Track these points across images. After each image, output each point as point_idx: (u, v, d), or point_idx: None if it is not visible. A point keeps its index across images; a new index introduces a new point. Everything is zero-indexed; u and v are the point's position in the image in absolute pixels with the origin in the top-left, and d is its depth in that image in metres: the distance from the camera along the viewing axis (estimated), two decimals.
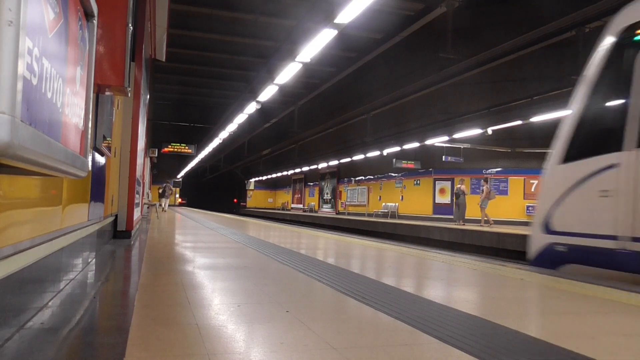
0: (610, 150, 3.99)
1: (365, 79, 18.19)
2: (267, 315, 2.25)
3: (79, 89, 1.85)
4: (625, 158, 3.83)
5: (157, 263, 4.10)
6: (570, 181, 4.35)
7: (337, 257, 4.92)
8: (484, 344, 1.84)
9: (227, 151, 35.70)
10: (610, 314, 2.50)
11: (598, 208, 4.06)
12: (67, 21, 1.54)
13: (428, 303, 2.61)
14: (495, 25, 12.50)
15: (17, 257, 1.77)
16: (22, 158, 1.07)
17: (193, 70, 20.08)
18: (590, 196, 4.13)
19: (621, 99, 4.04)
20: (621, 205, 3.82)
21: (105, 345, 1.76)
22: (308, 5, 12.34)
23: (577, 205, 4.30)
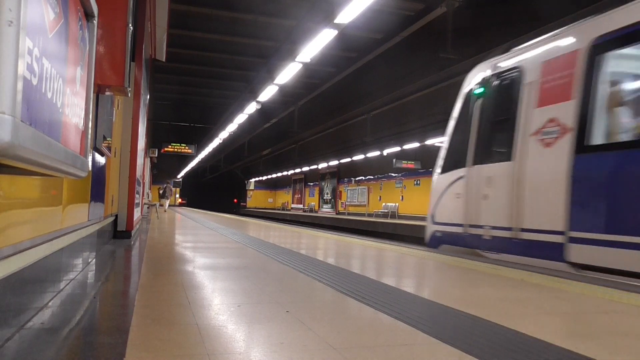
0: (460, 166, 5.82)
1: (365, 79, 18.19)
2: (267, 316, 2.25)
3: (79, 89, 1.85)
4: (467, 172, 5.70)
5: (157, 263, 4.10)
6: (442, 187, 6.23)
7: (337, 257, 4.92)
8: (485, 344, 1.84)
9: (227, 151, 35.71)
10: (610, 314, 2.50)
11: (455, 205, 5.87)
12: (67, 21, 1.54)
13: (428, 303, 2.61)
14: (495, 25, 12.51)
15: (17, 257, 1.77)
16: (22, 158, 1.07)
17: (193, 70, 20.07)
18: (451, 197, 5.98)
19: (467, 132, 5.81)
20: (465, 204, 5.65)
21: (105, 346, 1.76)
22: (308, 5, 12.33)
23: (445, 203, 6.17)
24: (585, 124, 4.34)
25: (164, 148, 28.56)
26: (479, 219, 5.42)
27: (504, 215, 5.07)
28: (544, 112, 4.80)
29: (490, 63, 5.83)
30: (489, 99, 5.65)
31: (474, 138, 5.69)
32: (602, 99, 4.32)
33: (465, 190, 5.71)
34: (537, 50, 5.13)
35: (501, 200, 5.14)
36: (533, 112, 4.92)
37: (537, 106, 4.90)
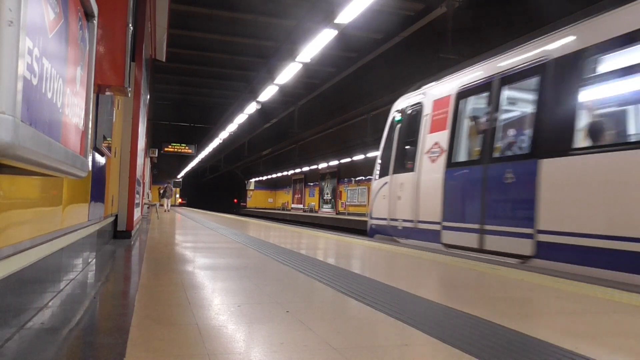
0: (386, 175, 7.68)
1: (366, 79, 18.19)
2: (268, 316, 2.25)
3: (79, 89, 1.85)
4: (390, 179, 7.52)
5: (157, 263, 4.10)
6: (376, 190, 8.06)
7: (337, 257, 4.92)
8: (485, 344, 1.84)
9: (227, 151, 35.70)
10: (610, 314, 2.50)
11: (382, 204, 7.68)
12: (67, 21, 1.54)
13: (428, 303, 2.61)
14: (496, 25, 12.51)
15: (17, 257, 1.77)
16: (22, 158, 1.07)
17: (193, 70, 20.07)
18: (380, 198, 7.79)
19: (390, 149, 7.67)
20: (388, 203, 7.47)
21: (106, 346, 1.76)
22: (308, 5, 12.33)
23: (377, 203, 7.95)
24: (452, 147, 6.14)
25: (164, 148, 28.59)
26: (395, 214, 7.32)
27: (409, 212, 6.87)
28: (432, 138, 6.57)
29: (407, 97, 7.63)
30: (404, 125, 7.51)
31: (394, 154, 7.57)
32: (460, 131, 6.15)
33: (388, 193, 7.58)
34: (431, 91, 6.91)
35: (408, 200, 6.92)
36: (426, 137, 6.70)
37: (429, 133, 6.68)
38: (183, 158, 38.44)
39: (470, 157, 6.00)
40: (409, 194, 6.87)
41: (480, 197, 5.50)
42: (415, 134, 6.98)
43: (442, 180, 6.16)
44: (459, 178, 6.01)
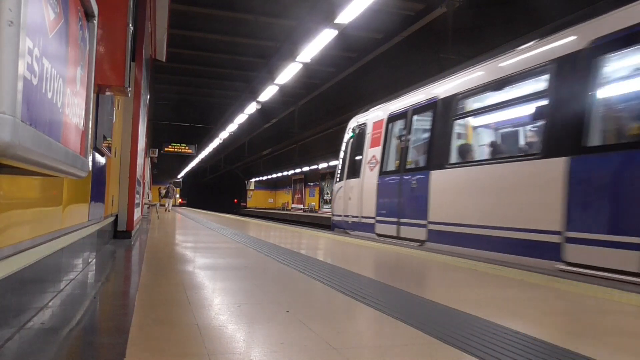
0: (342, 180, 9.43)
1: (366, 79, 18.19)
2: (268, 315, 2.25)
3: (80, 89, 1.85)
4: (344, 183, 9.25)
5: (157, 263, 4.10)
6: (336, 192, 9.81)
7: (337, 257, 4.92)
8: (486, 345, 1.84)
9: (227, 151, 35.71)
10: (610, 314, 2.50)
11: (340, 204, 9.38)
12: (67, 21, 1.54)
13: (428, 303, 2.61)
14: (496, 25, 12.50)
15: (17, 257, 1.77)
16: (22, 158, 1.07)
17: (193, 70, 20.05)
18: (338, 198, 9.49)
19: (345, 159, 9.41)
20: (343, 203, 9.09)
21: (106, 346, 1.76)
22: (308, 5, 12.32)
23: (337, 202, 9.62)
24: (383, 160, 7.96)
25: (164, 148, 28.63)
26: (347, 211, 9.05)
27: (356, 209, 8.65)
28: (371, 151, 8.34)
29: (357, 117, 9.47)
30: (354, 140, 9.28)
31: (347, 163, 9.37)
32: (389, 147, 7.95)
33: (343, 194, 9.34)
34: (373, 114, 8.76)
35: (355, 200, 8.71)
36: (368, 150, 8.47)
37: (369, 147, 8.43)
38: (183, 158, 38.42)
39: (394, 168, 7.76)
40: (356, 195, 8.71)
41: (397, 198, 7.42)
42: (361, 148, 8.80)
43: (376, 185, 8.02)
44: (386, 183, 7.79)
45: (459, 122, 6.45)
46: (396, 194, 7.44)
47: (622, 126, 4.32)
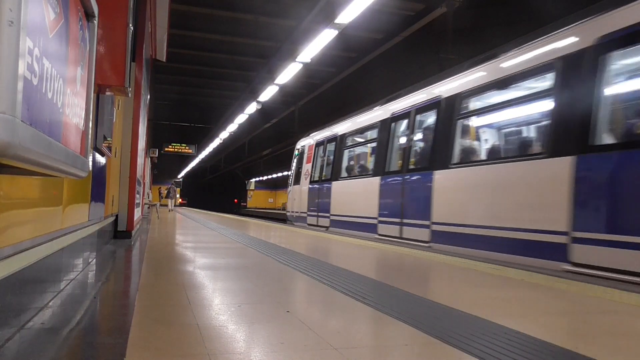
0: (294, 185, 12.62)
1: (366, 79, 18.18)
2: (268, 315, 2.25)
3: (80, 89, 1.85)
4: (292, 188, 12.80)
5: (157, 263, 4.10)
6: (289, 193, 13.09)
7: (337, 258, 4.92)
8: (486, 345, 1.84)
9: (227, 151, 35.70)
10: (610, 314, 2.50)
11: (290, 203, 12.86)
12: (67, 21, 1.54)
13: (429, 304, 2.61)
14: (496, 25, 12.50)
15: (17, 257, 1.77)
16: (22, 158, 1.07)
17: (193, 70, 20.05)
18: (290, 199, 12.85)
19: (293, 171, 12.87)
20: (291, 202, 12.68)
21: (106, 346, 1.76)
22: (308, 5, 12.32)
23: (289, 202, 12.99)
24: (312, 173, 11.23)
25: (164, 148, 28.72)
26: (294, 208, 12.41)
27: (298, 207, 11.98)
28: (306, 166, 11.77)
29: (300, 140, 12.88)
30: (298, 157, 12.62)
31: (294, 173, 12.80)
32: (315, 164, 11.13)
33: (291, 196, 12.90)
34: (308, 139, 12.17)
35: (297, 201, 12.08)
36: (305, 165, 11.87)
37: (306, 163, 11.81)
38: (183, 158, 38.41)
39: (317, 178, 11.12)
40: (298, 197, 12.14)
41: (317, 198, 10.85)
42: (301, 163, 12.31)
43: (307, 190, 11.52)
44: (313, 189, 11.25)
45: (348, 156, 10.14)
46: (316, 196, 10.99)
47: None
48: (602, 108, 4.34)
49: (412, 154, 7.37)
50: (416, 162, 7.26)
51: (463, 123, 6.39)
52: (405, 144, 7.55)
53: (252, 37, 15.02)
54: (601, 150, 4.26)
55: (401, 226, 7.25)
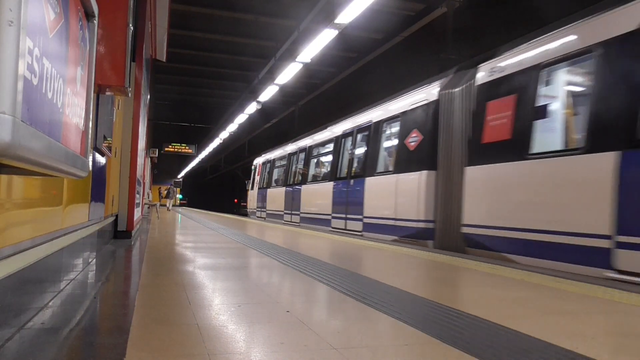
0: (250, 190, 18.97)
1: (366, 79, 18.18)
2: (268, 315, 2.25)
3: (80, 89, 1.85)
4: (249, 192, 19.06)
5: (157, 263, 4.10)
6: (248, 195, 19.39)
7: (337, 257, 4.92)
8: (486, 345, 1.84)
9: (227, 151, 35.67)
10: (610, 314, 2.50)
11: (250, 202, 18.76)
12: (67, 21, 1.54)
13: (429, 304, 2.61)
14: (496, 25, 12.50)
15: (17, 257, 1.77)
16: (22, 158, 1.07)
17: (193, 70, 20.04)
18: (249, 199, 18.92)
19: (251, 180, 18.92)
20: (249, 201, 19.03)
21: (106, 346, 1.76)
22: (308, 5, 12.32)
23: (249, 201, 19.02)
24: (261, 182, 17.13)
25: (164, 148, 28.87)
26: (249, 206, 18.73)
27: (254, 205, 17.60)
28: (257, 177, 17.68)
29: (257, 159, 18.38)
30: (254, 171, 18.40)
31: (251, 182, 18.50)
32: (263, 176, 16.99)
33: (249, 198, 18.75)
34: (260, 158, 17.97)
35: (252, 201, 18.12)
36: (256, 177, 17.80)
37: (257, 175, 17.80)
38: (183, 158, 38.40)
39: (263, 186, 16.38)
40: (252, 198, 17.92)
41: (264, 200, 15.86)
42: (255, 175, 17.95)
43: (257, 193, 17.05)
44: (260, 192, 16.65)
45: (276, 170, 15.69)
46: (264, 198, 16.05)
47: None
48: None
49: (310, 170, 12.18)
50: (317, 176, 11.70)
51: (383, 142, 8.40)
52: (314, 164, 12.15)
53: (252, 37, 15.01)
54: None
55: (292, 215, 12.87)
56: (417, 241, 6.88)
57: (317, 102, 21.15)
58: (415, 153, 7.12)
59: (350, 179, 9.23)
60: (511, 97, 5.33)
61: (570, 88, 5.00)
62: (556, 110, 5.01)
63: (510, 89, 5.37)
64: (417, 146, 7.08)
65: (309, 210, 11.49)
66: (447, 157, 6.52)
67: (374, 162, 8.45)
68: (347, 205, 9.24)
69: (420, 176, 6.86)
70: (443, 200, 6.51)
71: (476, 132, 5.77)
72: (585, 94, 4.58)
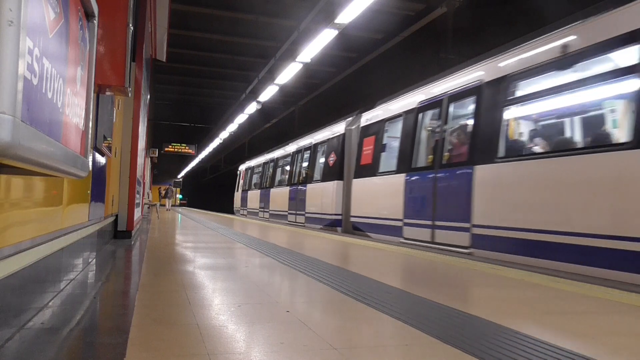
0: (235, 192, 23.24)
1: (366, 79, 18.18)
2: (268, 315, 2.25)
3: (80, 89, 1.85)
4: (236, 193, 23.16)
5: (157, 263, 4.10)
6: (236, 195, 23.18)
7: (337, 257, 4.92)
8: (485, 344, 1.84)
9: (227, 151, 35.67)
10: (610, 314, 2.50)
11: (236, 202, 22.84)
12: (67, 21, 1.54)
13: (429, 303, 2.61)
14: (496, 25, 12.49)
15: (17, 257, 1.77)
16: (22, 158, 1.07)
17: (194, 70, 20.04)
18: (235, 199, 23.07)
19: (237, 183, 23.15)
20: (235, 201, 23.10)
21: (106, 346, 1.76)
22: (308, 5, 12.31)
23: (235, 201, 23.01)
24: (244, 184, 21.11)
25: (164, 148, 29.05)
26: (235, 205, 22.72)
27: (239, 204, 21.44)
28: (242, 181, 21.80)
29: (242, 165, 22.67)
30: (239, 176, 22.66)
31: (237, 185, 22.66)
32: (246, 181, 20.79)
33: (235, 198, 22.78)
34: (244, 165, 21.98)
35: (237, 200, 22.07)
36: (240, 181, 22.06)
37: (241, 180, 21.93)
38: (183, 158, 38.39)
39: (246, 188, 20.24)
40: (238, 199, 21.91)
41: (244, 200, 20.25)
42: (239, 179, 22.19)
43: (241, 194, 21.17)
44: (243, 194, 20.61)
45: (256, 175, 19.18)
46: (246, 198, 19.55)
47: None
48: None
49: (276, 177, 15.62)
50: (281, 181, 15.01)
51: None
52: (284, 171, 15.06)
53: (252, 37, 15.00)
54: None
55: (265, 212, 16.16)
56: (334, 229, 10.00)
57: (317, 102, 21.14)
58: (333, 168, 10.48)
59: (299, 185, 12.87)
60: (372, 137, 8.70)
61: (394, 135, 8.08)
62: (391, 147, 8.11)
63: (372, 132, 8.79)
64: (333, 163, 10.52)
65: (275, 208, 15.07)
66: (348, 172, 9.87)
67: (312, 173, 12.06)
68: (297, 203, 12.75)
69: (336, 184, 10.19)
70: (345, 201, 9.78)
71: (358, 157, 9.13)
72: (398, 138, 7.75)
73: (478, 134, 5.69)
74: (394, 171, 7.60)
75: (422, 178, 6.84)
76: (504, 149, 5.31)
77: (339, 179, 10.09)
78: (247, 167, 21.16)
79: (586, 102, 4.93)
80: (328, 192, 10.47)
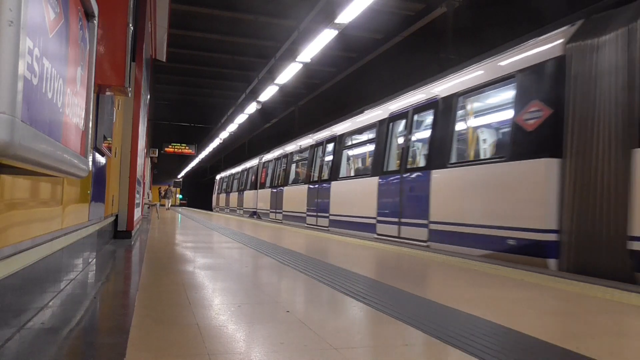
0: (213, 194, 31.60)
1: (366, 79, 18.18)
2: (268, 315, 2.25)
3: (80, 89, 1.85)
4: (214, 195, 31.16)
5: (157, 263, 4.10)
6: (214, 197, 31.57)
7: (337, 257, 4.92)
8: (485, 344, 1.84)
9: (227, 151, 35.67)
10: (610, 314, 2.50)
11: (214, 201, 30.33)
12: (67, 21, 1.54)
13: (429, 303, 2.61)
14: (496, 25, 12.49)
15: (17, 257, 1.77)
16: (22, 158, 1.07)
17: (194, 70, 20.02)
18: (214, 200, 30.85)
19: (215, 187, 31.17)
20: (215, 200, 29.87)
21: (106, 346, 1.76)
22: (308, 5, 12.31)
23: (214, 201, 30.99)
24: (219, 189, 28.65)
25: (164, 148, 29.31)
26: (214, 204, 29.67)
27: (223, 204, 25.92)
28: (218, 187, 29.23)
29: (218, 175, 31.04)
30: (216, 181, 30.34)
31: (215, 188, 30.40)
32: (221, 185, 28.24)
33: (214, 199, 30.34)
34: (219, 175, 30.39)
35: (215, 200, 29.39)
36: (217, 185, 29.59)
37: (218, 185, 29.38)
38: (183, 158, 38.38)
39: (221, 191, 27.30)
40: (215, 199, 29.45)
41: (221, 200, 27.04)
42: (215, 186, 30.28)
43: (225, 195, 25.43)
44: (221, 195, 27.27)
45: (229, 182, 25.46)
46: (224, 200, 25.66)
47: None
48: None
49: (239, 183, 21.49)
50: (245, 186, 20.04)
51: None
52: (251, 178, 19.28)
53: (252, 37, 15.00)
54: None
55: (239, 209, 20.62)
56: None
57: (317, 102, 21.14)
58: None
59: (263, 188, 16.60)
60: None
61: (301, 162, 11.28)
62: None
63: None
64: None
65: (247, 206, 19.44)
66: None
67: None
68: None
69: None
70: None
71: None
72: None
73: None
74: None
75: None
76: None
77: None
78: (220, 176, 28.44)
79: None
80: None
